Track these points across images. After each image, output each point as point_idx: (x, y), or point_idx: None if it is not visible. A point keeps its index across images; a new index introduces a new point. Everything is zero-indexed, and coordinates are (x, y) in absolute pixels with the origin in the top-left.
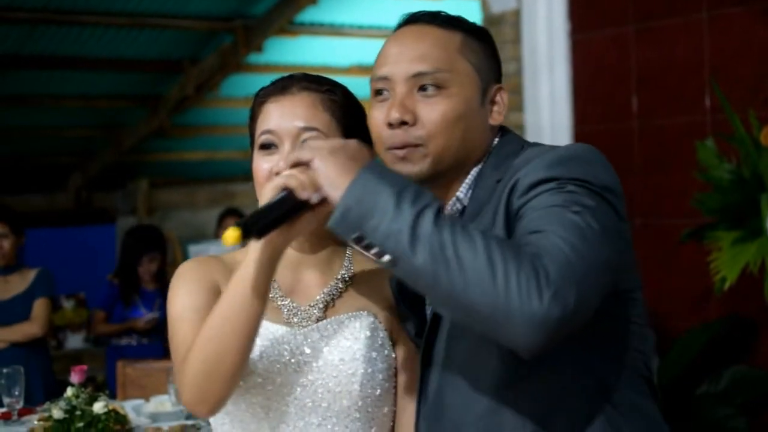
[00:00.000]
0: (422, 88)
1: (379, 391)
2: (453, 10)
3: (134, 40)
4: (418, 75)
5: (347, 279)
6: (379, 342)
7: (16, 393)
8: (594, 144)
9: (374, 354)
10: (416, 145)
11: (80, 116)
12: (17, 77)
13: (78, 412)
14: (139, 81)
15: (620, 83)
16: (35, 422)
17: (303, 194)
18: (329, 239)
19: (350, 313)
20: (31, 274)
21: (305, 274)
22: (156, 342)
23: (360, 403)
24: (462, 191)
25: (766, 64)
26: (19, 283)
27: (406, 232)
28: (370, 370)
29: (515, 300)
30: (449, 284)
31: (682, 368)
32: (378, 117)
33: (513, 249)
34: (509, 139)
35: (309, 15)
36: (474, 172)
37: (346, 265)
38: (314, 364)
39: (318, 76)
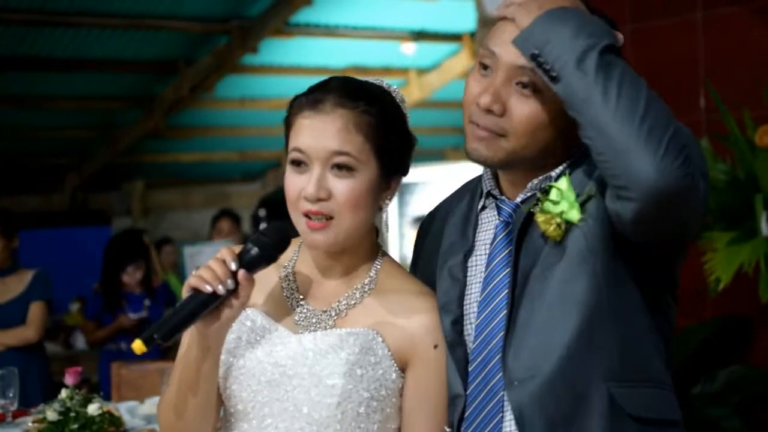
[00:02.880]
0: (521, 83)
1: (363, 408)
2: (448, 11)
3: (129, 42)
4: (521, 67)
5: (366, 291)
6: (373, 360)
7: (11, 395)
8: None
9: (360, 371)
10: (498, 135)
11: (75, 117)
12: (12, 78)
13: (72, 414)
14: (134, 82)
15: None
16: (29, 424)
17: (207, 288)
18: (361, 248)
19: (351, 329)
20: (27, 276)
21: (328, 280)
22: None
23: (339, 417)
24: (557, 172)
25: (761, 64)
26: (16, 285)
27: (573, 59)
28: (350, 386)
29: (651, 151)
30: (600, 109)
31: (677, 368)
32: (473, 90)
33: (669, 113)
34: None
35: (304, 16)
36: (559, 169)
37: (371, 275)
38: (300, 371)
39: (355, 87)
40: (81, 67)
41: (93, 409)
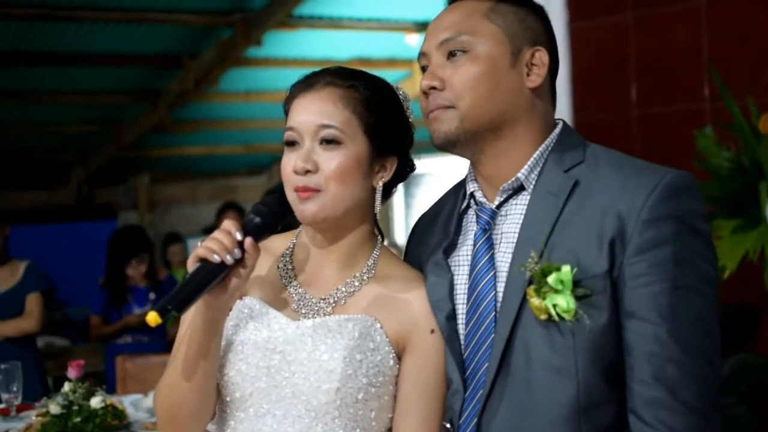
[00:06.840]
0: (452, 55)
1: (361, 395)
2: None
3: (133, 36)
4: (444, 41)
5: (365, 279)
6: (371, 346)
7: (14, 389)
8: (592, 133)
9: (359, 356)
10: (447, 107)
11: (80, 112)
12: (16, 74)
13: (75, 407)
14: (139, 76)
15: (619, 71)
16: (33, 418)
17: (215, 258)
18: (358, 234)
19: (349, 315)
20: (20, 268)
21: (326, 267)
22: (155, 340)
23: (338, 402)
24: (524, 172)
25: (765, 51)
26: (9, 277)
27: None
28: (350, 371)
29: None
30: None
31: None
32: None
33: None
34: (570, 132)
35: (308, 8)
36: (536, 155)
37: (369, 264)
38: (299, 356)
39: (349, 70)
40: (84, 61)
41: (96, 402)
